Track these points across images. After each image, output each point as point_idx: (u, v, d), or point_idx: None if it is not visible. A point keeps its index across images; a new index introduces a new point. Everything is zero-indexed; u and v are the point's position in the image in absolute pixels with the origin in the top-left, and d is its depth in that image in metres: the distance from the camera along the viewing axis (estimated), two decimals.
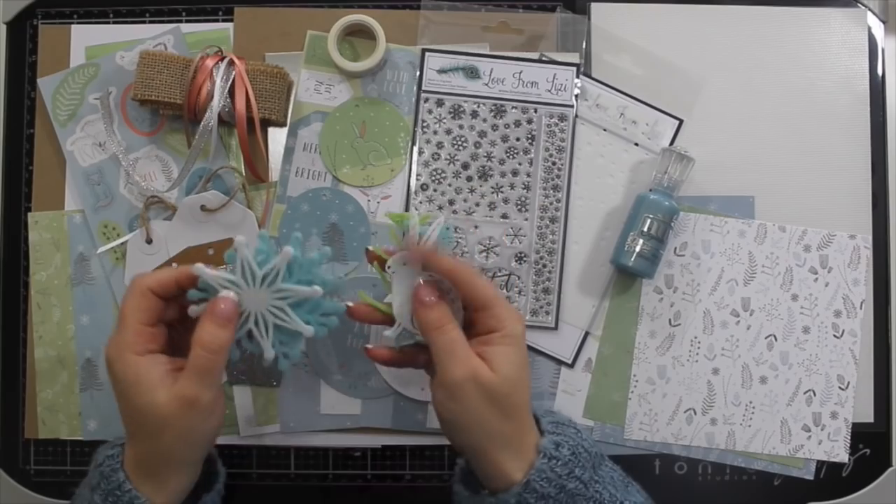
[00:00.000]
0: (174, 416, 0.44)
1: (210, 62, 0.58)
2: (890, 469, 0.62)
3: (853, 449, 0.61)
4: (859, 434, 0.61)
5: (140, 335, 0.46)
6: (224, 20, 0.63)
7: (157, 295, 0.46)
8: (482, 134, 0.62)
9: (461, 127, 0.62)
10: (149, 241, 0.61)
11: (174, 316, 0.49)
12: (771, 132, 0.63)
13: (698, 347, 0.61)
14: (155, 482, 0.46)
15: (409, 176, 0.61)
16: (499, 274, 0.61)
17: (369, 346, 0.52)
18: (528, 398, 0.48)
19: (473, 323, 0.49)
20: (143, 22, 0.63)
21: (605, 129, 0.62)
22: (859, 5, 0.64)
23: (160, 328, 0.48)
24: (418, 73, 0.62)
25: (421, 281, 0.48)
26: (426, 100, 0.62)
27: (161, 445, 0.45)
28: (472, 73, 0.62)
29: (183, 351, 0.46)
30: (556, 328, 0.61)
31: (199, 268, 0.45)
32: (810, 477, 0.61)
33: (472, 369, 0.46)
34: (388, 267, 0.49)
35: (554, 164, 0.61)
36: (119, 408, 0.46)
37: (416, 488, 0.61)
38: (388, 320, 0.51)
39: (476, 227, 0.61)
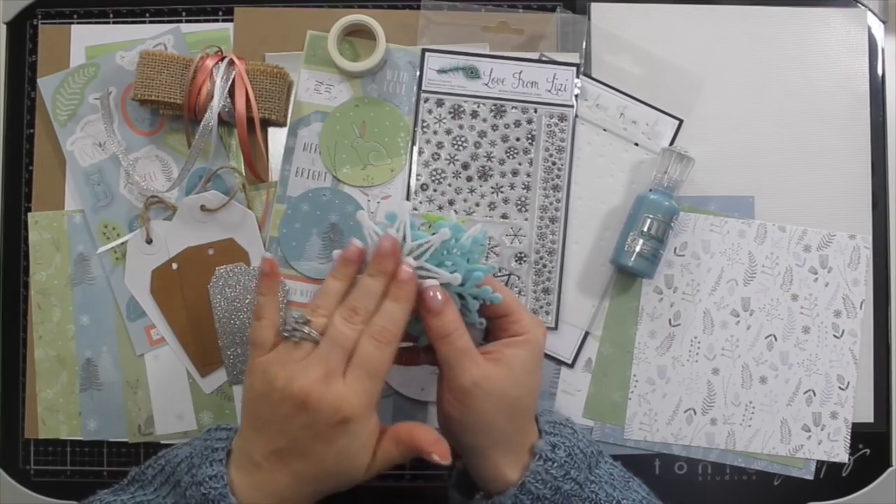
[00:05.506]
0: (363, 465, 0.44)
1: (210, 62, 0.58)
2: (890, 469, 0.62)
3: (853, 449, 0.61)
4: (859, 434, 0.61)
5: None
6: (224, 20, 0.63)
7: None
8: (482, 134, 0.62)
9: (461, 127, 0.62)
10: (149, 241, 0.61)
11: None
12: (771, 132, 0.63)
13: (698, 347, 0.61)
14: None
15: (409, 176, 0.61)
16: (499, 274, 0.61)
17: None
18: (535, 402, 0.49)
19: (494, 328, 0.49)
20: (143, 22, 0.63)
21: (605, 129, 0.62)
22: (859, 5, 0.64)
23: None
24: (418, 73, 0.62)
25: (426, 284, 0.46)
26: (426, 100, 0.62)
27: (325, 486, 0.44)
28: (472, 73, 0.62)
29: None
30: (556, 328, 0.61)
31: (362, 214, 0.45)
32: (810, 477, 0.61)
33: (480, 376, 0.45)
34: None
35: (554, 164, 0.61)
36: (312, 448, 0.43)
37: (416, 488, 0.61)
38: (414, 358, 0.51)
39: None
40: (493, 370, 0.46)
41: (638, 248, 0.58)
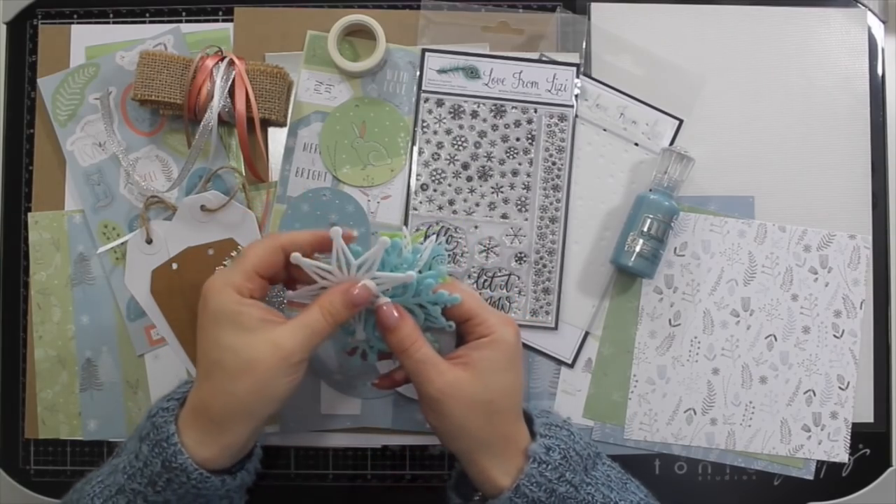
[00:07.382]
0: (262, 362, 0.44)
1: (210, 62, 0.58)
2: (890, 469, 0.62)
3: (853, 449, 0.61)
4: (859, 434, 0.61)
5: (251, 281, 0.47)
6: (224, 20, 0.63)
7: (285, 253, 0.47)
8: (482, 134, 0.62)
9: (461, 127, 0.62)
10: (149, 241, 0.61)
11: (281, 279, 0.50)
12: (771, 132, 0.63)
13: (698, 347, 0.61)
14: (208, 433, 0.45)
15: (409, 176, 0.61)
16: (499, 274, 0.61)
17: (376, 381, 0.53)
18: (515, 403, 0.48)
19: (463, 333, 0.49)
20: (143, 22, 0.63)
21: (605, 129, 0.62)
22: (859, 5, 0.64)
23: (265, 285, 0.48)
24: (418, 73, 0.62)
25: (381, 303, 0.47)
26: (426, 100, 0.62)
27: (234, 390, 0.44)
28: (472, 73, 0.62)
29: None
30: (556, 328, 0.61)
31: (296, 257, 0.46)
32: (810, 477, 0.61)
33: (445, 383, 0.46)
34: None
35: (554, 164, 0.61)
36: (201, 346, 0.46)
37: (416, 488, 0.61)
38: (393, 383, 0.53)
39: (476, 227, 0.61)
40: (459, 375, 0.46)
41: (638, 248, 0.58)
